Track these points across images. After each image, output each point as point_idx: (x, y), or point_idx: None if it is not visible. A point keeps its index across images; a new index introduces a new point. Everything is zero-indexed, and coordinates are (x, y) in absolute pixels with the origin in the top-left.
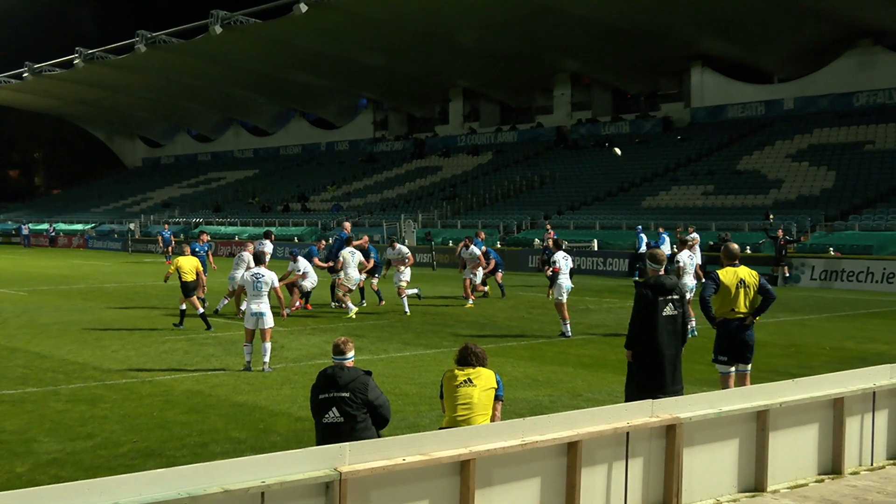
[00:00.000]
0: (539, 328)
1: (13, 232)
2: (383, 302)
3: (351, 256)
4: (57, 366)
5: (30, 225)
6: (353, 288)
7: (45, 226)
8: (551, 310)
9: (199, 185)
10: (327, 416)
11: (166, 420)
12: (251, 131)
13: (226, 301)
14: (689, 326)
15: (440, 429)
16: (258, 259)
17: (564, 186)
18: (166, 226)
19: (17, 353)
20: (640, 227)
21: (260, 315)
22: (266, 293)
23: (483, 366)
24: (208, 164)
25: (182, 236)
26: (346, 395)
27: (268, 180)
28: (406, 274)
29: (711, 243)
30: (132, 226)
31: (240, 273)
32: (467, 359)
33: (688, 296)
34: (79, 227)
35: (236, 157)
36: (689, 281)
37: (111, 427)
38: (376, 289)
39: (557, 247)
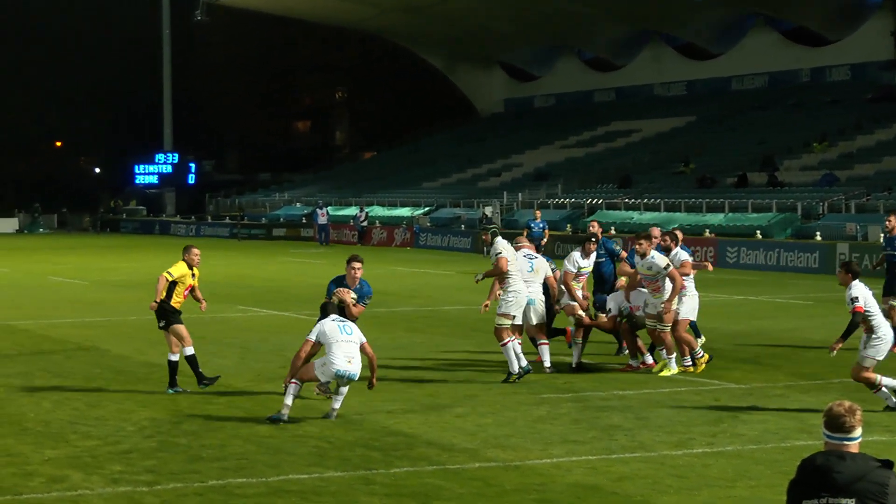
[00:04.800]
0: None
1: (303, 219)
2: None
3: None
4: (369, 437)
5: (328, 209)
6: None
7: (352, 210)
8: None
9: (595, 143)
10: None
11: None
12: (681, 51)
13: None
14: None
15: None
16: None
17: None
18: (538, 213)
19: (309, 412)
20: None
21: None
22: None
23: None
24: (610, 107)
25: (571, 227)
26: (851, 501)
27: (711, 134)
28: (689, 303)
29: None
30: (488, 210)
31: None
32: None
33: None
34: (403, 211)
35: (657, 96)
36: None
37: None
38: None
39: (853, 275)
